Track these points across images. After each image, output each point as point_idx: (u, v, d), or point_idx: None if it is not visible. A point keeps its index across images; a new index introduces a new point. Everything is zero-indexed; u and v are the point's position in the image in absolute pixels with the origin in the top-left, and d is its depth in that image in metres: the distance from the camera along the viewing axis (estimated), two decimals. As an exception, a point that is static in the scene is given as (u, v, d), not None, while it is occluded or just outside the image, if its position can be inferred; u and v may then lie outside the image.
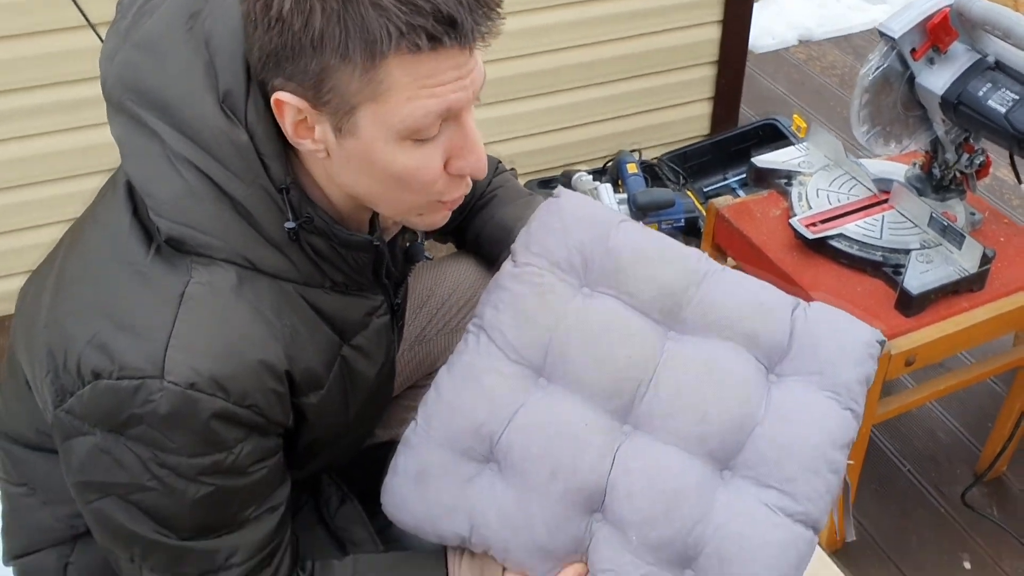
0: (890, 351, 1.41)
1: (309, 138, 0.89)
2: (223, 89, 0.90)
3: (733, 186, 2.37)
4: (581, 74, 2.40)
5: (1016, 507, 1.78)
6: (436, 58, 0.83)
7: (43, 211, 2.06)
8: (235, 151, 0.90)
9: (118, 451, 0.90)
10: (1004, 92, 1.40)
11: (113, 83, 0.95)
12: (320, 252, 0.97)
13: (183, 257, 0.92)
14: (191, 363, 0.87)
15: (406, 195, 0.92)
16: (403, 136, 0.87)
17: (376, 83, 0.83)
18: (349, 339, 1.06)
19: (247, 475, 0.95)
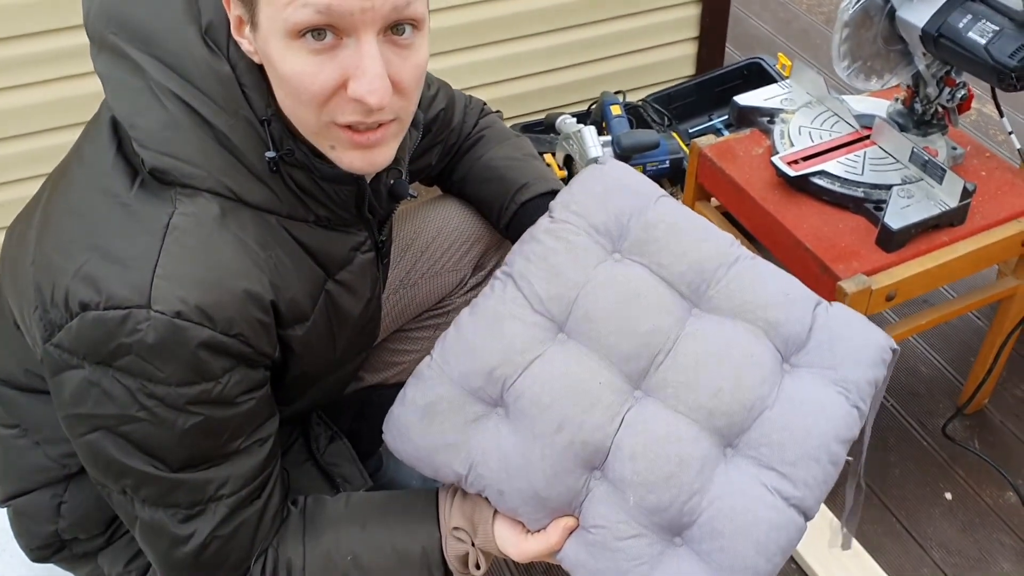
0: (871, 287, 1.42)
1: (245, 38, 0.91)
2: (206, 21, 0.92)
3: (718, 127, 2.35)
4: (563, 17, 2.37)
5: (997, 439, 1.81)
6: None
7: (21, 167, 2.05)
8: (217, 82, 0.92)
9: (107, 383, 0.92)
10: (984, 24, 1.39)
11: (96, 17, 0.96)
12: (302, 186, 0.98)
13: (167, 189, 0.93)
14: (177, 292, 0.89)
15: (301, 109, 0.91)
16: (290, 33, 0.85)
17: None
18: (333, 274, 1.07)
19: (235, 406, 0.97)
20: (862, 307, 1.43)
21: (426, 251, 1.39)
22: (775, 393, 1.05)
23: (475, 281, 1.44)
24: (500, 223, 1.32)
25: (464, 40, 2.28)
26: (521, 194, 1.28)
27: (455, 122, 1.34)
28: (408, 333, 1.45)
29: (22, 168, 2.05)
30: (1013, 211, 1.54)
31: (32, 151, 2.03)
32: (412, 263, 1.39)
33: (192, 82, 0.92)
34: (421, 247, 1.38)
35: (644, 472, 1.00)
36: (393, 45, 0.88)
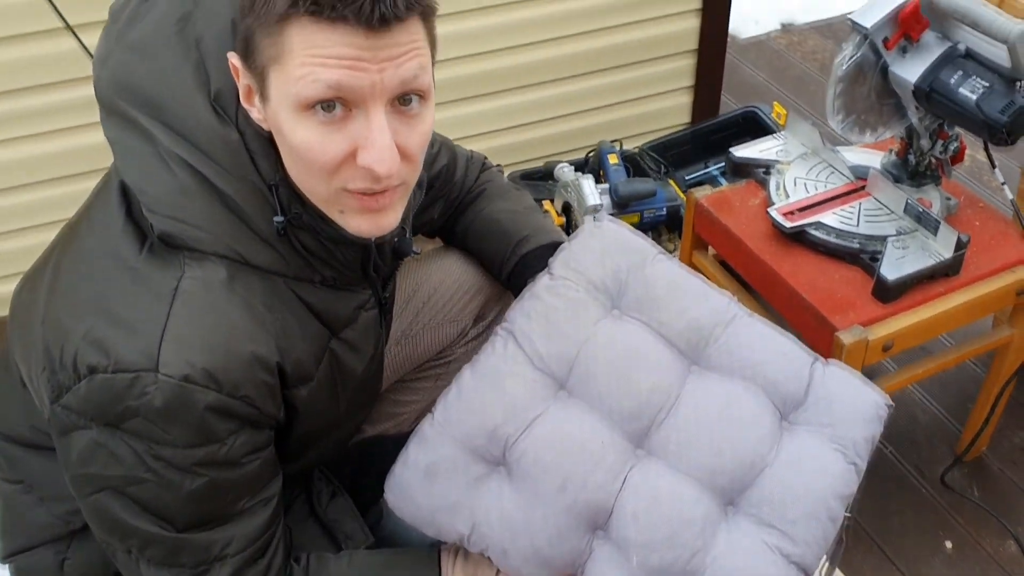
0: (868, 338, 1.43)
1: (254, 107, 0.93)
2: (214, 88, 0.94)
3: (715, 174, 2.38)
4: (561, 68, 2.41)
5: (997, 487, 1.81)
6: (331, 30, 0.84)
7: (32, 215, 2.07)
8: (226, 148, 0.94)
9: (114, 444, 0.93)
10: (975, 80, 1.41)
11: (106, 85, 0.98)
12: (309, 248, 1.00)
13: (175, 253, 0.95)
14: (185, 356, 0.90)
15: (311, 178, 0.93)
16: (300, 106, 0.87)
17: (279, 45, 0.86)
18: (338, 332, 1.09)
19: (240, 467, 0.98)
20: (859, 358, 1.44)
21: (428, 303, 1.40)
22: (775, 451, 1.06)
23: (476, 332, 1.45)
24: (502, 275, 1.34)
25: (465, 91, 2.31)
26: (522, 246, 1.30)
27: (457, 177, 1.36)
28: (409, 384, 1.46)
29: (26, 218, 2.07)
30: (1007, 261, 1.56)
31: (37, 201, 2.06)
32: (414, 315, 1.40)
33: (200, 148, 0.94)
34: (423, 299, 1.40)
35: (647, 532, 1.01)
36: (400, 115, 0.91)
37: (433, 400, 1.46)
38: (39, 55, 1.90)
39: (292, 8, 0.84)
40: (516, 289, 1.34)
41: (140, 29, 0.98)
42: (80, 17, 1.80)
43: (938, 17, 1.46)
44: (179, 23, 0.97)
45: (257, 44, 0.88)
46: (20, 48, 1.89)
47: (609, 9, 2.37)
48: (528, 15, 2.29)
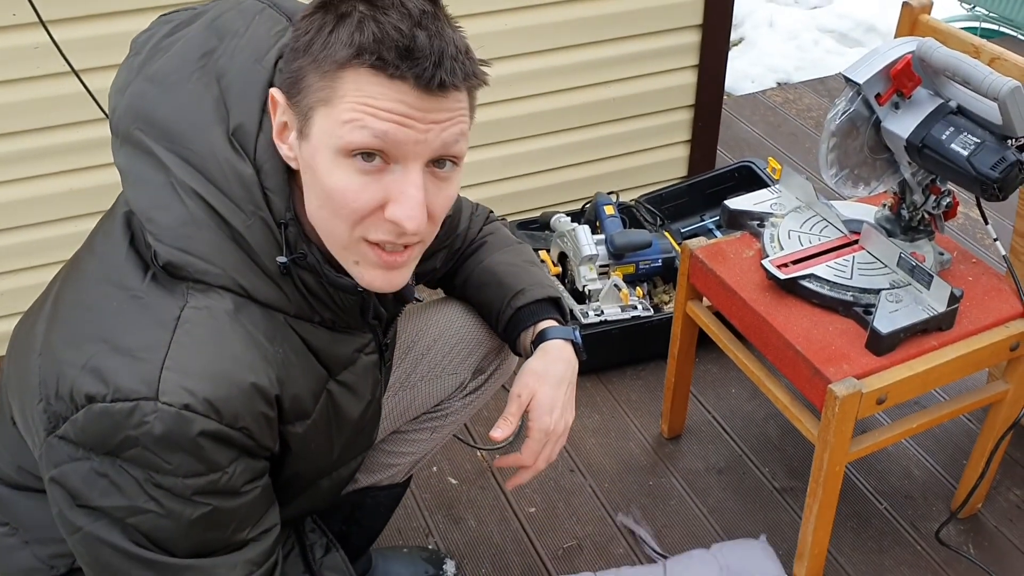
0: (862, 390, 1.43)
1: (286, 143, 0.94)
2: (234, 123, 0.96)
3: (710, 227, 2.40)
4: (559, 119, 2.44)
5: (992, 545, 1.79)
6: (388, 85, 0.88)
7: (33, 255, 2.07)
8: (239, 183, 0.95)
9: (114, 474, 0.92)
10: (966, 136, 1.43)
11: (122, 114, 0.99)
12: (310, 288, 1.00)
13: (179, 283, 0.95)
14: (185, 384, 0.90)
15: (336, 221, 0.94)
16: (342, 150, 0.90)
17: (330, 89, 0.89)
18: (336, 374, 1.09)
19: (241, 495, 0.97)
20: (853, 411, 1.44)
21: (427, 353, 1.40)
22: None
23: (475, 385, 1.45)
24: (498, 327, 1.35)
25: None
26: (517, 299, 1.30)
27: (460, 228, 1.37)
28: (405, 435, 1.45)
29: (27, 258, 2.07)
30: (1000, 316, 1.57)
31: (38, 241, 2.06)
32: (413, 365, 1.40)
33: (214, 182, 0.94)
34: (423, 349, 1.39)
35: None
36: (433, 176, 0.94)
37: (427, 453, 1.46)
38: (43, 98, 1.92)
39: (355, 58, 0.87)
40: (510, 341, 1.35)
41: (162, 62, 1.00)
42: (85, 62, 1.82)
43: (930, 73, 1.49)
44: (203, 58, 0.99)
45: (308, 84, 0.90)
46: (25, 91, 1.91)
47: (608, 63, 2.41)
48: (528, 67, 2.33)
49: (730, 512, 1.86)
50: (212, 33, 1.00)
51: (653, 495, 1.89)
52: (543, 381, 1.23)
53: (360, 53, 0.87)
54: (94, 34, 1.90)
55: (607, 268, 2.18)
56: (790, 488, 1.90)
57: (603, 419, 2.07)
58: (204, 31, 1.01)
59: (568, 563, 1.76)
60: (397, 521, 1.80)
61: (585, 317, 2.09)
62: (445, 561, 1.72)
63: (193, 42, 1.00)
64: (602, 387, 2.14)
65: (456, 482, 1.91)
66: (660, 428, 2.03)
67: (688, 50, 2.48)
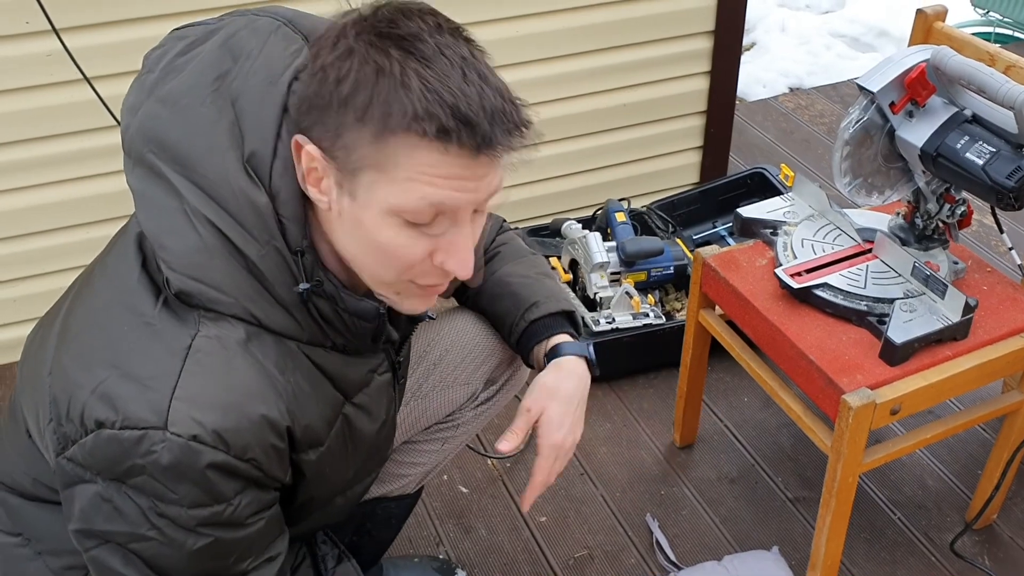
0: (875, 400, 1.42)
1: (317, 188, 0.93)
2: (248, 149, 0.93)
3: (722, 233, 2.39)
4: (571, 126, 2.44)
5: (1007, 556, 1.77)
6: (445, 152, 0.86)
7: (43, 262, 2.08)
8: (253, 212, 0.93)
9: (119, 500, 0.92)
10: (981, 145, 1.42)
11: (135, 134, 0.98)
12: (325, 315, 0.99)
13: (191, 311, 0.94)
14: (194, 415, 0.89)
15: (383, 269, 0.95)
16: (394, 213, 0.90)
17: (383, 154, 0.87)
18: (351, 397, 1.08)
19: (245, 527, 0.97)
20: (867, 421, 1.43)
21: (440, 363, 1.39)
22: None
23: (486, 395, 1.44)
24: (511, 339, 1.34)
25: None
26: (531, 312, 1.30)
27: None
28: (416, 445, 1.45)
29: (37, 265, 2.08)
30: (1015, 326, 1.55)
31: (49, 248, 2.07)
32: (425, 375, 1.39)
33: (228, 210, 0.93)
34: (435, 359, 1.39)
35: None
36: (474, 216, 0.95)
37: (439, 463, 1.46)
38: (55, 105, 1.93)
39: (411, 127, 0.85)
40: (524, 354, 1.34)
41: (175, 83, 0.98)
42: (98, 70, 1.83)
43: (944, 82, 1.47)
44: (217, 80, 0.96)
45: (353, 144, 0.87)
46: (38, 98, 1.92)
47: (619, 69, 2.40)
48: (539, 74, 2.33)
49: (742, 522, 1.84)
50: (226, 53, 0.98)
51: (665, 504, 1.88)
52: (554, 397, 1.23)
53: (416, 121, 0.84)
54: (107, 42, 1.90)
55: (618, 275, 2.17)
56: (803, 498, 1.89)
57: (615, 427, 2.06)
58: (218, 51, 0.98)
59: (579, 573, 1.75)
60: (408, 530, 1.79)
61: (596, 325, 2.08)
62: (456, 570, 1.72)
63: (207, 63, 0.98)
64: (613, 395, 2.14)
65: (467, 491, 1.91)
66: (672, 437, 2.02)
67: (700, 56, 2.47)
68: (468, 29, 0.92)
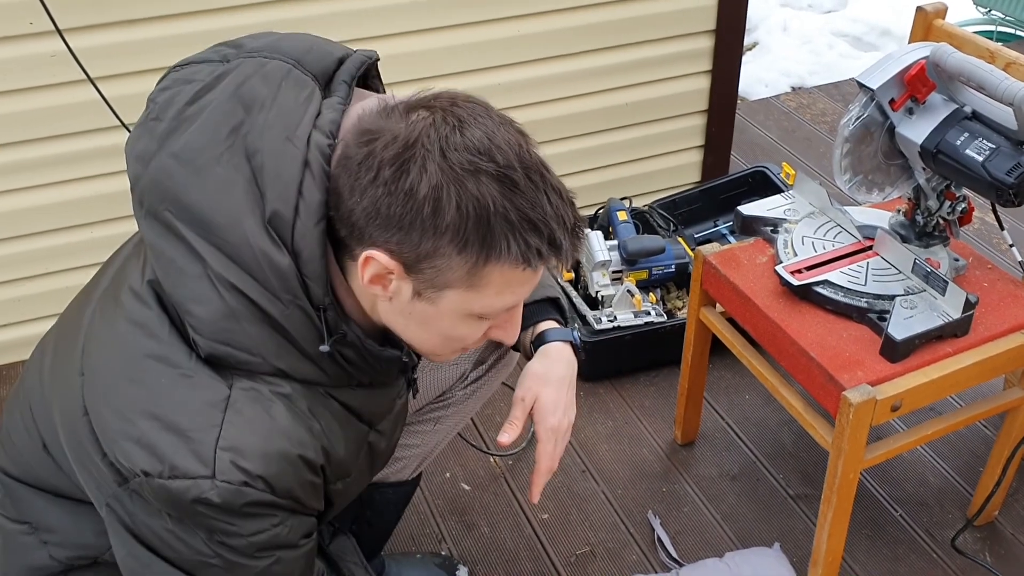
0: (876, 397, 1.42)
1: (380, 287, 0.96)
2: (270, 210, 0.93)
3: (724, 232, 2.39)
4: (572, 125, 2.44)
5: (1009, 553, 1.78)
6: (533, 274, 0.96)
7: (45, 262, 2.09)
8: (275, 273, 0.93)
9: (181, 531, 0.96)
10: (981, 142, 1.42)
11: (149, 188, 0.97)
12: (351, 361, 1.02)
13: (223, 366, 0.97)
14: (240, 464, 0.93)
15: (441, 347, 1.04)
16: (473, 315, 0.98)
17: (477, 277, 0.93)
18: (376, 425, 1.14)
19: (298, 548, 1.02)
20: (867, 418, 1.43)
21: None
22: None
23: (476, 375, 1.47)
24: None
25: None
26: None
27: None
28: (409, 427, 1.47)
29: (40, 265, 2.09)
30: (1016, 322, 1.55)
31: (51, 248, 2.08)
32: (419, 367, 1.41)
33: (250, 272, 0.93)
34: None
35: None
36: None
37: (433, 445, 1.47)
38: (59, 105, 1.94)
39: (504, 258, 0.92)
40: None
41: (188, 137, 0.96)
42: (101, 70, 1.84)
43: (944, 79, 1.48)
44: (231, 135, 0.95)
45: (448, 268, 0.92)
46: (42, 98, 1.93)
47: (620, 68, 2.40)
48: (541, 73, 2.33)
49: (744, 519, 1.85)
50: (237, 104, 0.96)
51: (666, 502, 1.89)
52: (545, 383, 1.25)
53: (521, 256, 0.92)
54: (110, 42, 1.91)
55: (620, 274, 2.17)
56: (804, 495, 1.89)
57: (616, 425, 2.06)
58: (229, 101, 0.97)
59: (581, 569, 1.76)
60: (410, 527, 1.80)
61: (598, 323, 2.08)
62: (458, 567, 1.72)
63: (219, 114, 0.96)
64: (615, 393, 2.14)
65: (469, 488, 1.91)
66: (674, 434, 2.03)
67: (701, 55, 2.48)
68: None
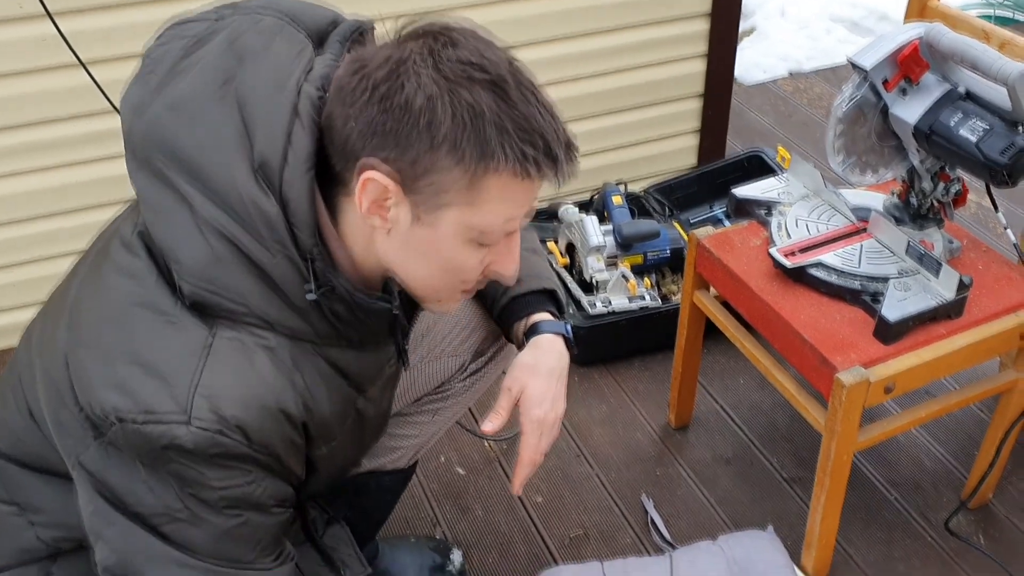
0: (869, 379, 1.42)
1: (379, 217, 0.95)
2: (259, 158, 0.93)
3: (719, 216, 2.39)
4: (567, 108, 2.40)
5: (1003, 536, 1.78)
6: (530, 186, 0.95)
7: (37, 247, 2.08)
8: (263, 220, 0.93)
9: (152, 481, 0.95)
10: (975, 122, 1.42)
11: (142, 139, 0.97)
12: (339, 316, 1.01)
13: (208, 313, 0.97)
14: (217, 409, 0.92)
15: (439, 281, 1.02)
16: (473, 239, 0.97)
17: (475, 191, 0.92)
18: (364, 391, 1.12)
19: (270, 514, 1.01)
20: (860, 399, 1.43)
21: (427, 335, 1.40)
22: None
23: (475, 367, 1.45)
24: (493, 313, 1.36)
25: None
26: (513, 288, 1.31)
27: None
28: (407, 417, 1.46)
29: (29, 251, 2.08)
30: (1011, 304, 1.55)
31: (41, 234, 2.07)
32: (413, 347, 1.39)
33: (239, 220, 0.93)
34: (422, 331, 1.40)
35: None
36: None
37: (431, 436, 1.46)
38: (50, 90, 1.93)
39: (501, 166, 0.91)
40: (504, 327, 1.35)
41: (182, 87, 0.97)
42: (93, 54, 1.83)
43: (938, 59, 1.47)
44: (224, 85, 0.96)
45: (447, 183, 0.91)
46: (32, 82, 1.92)
47: (616, 51, 2.39)
48: (535, 56, 2.32)
49: (738, 502, 1.85)
50: (231, 56, 0.97)
51: (660, 485, 1.89)
52: (533, 374, 1.24)
53: (518, 163, 0.91)
54: (101, 25, 1.90)
55: (615, 258, 2.17)
56: (798, 478, 1.89)
57: (610, 409, 2.06)
58: (223, 53, 0.98)
59: (575, 552, 1.76)
60: (405, 511, 1.80)
61: (593, 307, 2.08)
62: (452, 550, 1.72)
63: (212, 66, 0.97)
64: (610, 377, 2.14)
65: (464, 472, 1.91)
66: (667, 418, 2.03)
67: (697, 38, 2.46)
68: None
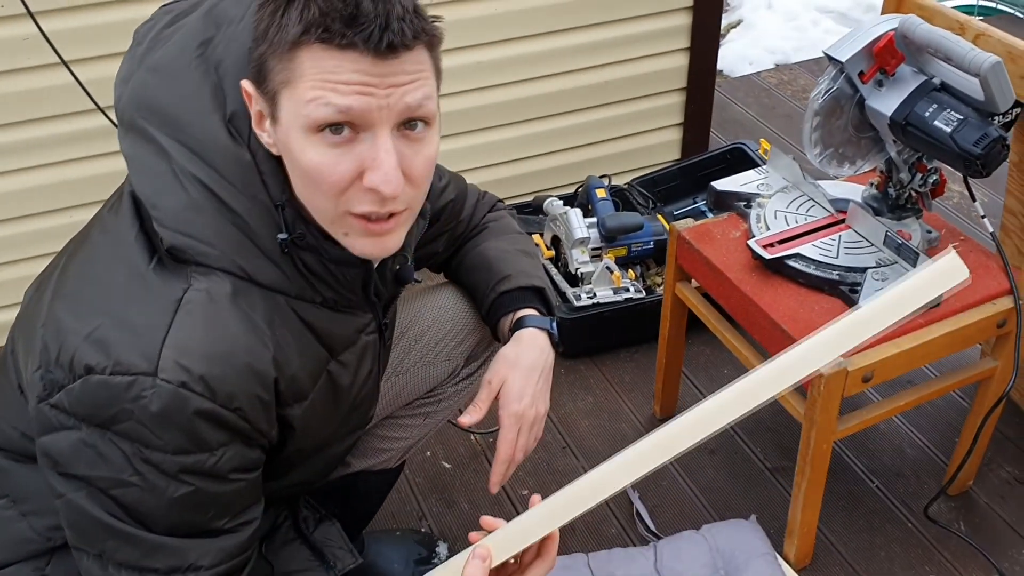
0: (847, 368, 1.43)
1: (264, 131, 0.97)
2: (230, 111, 0.99)
3: (702, 209, 2.40)
4: (551, 103, 2.44)
5: (983, 522, 1.80)
6: (343, 57, 0.89)
7: (24, 247, 2.09)
8: (238, 168, 0.98)
9: (103, 445, 0.95)
10: (949, 113, 1.43)
11: (126, 103, 1.03)
12: (311, 268, 1.03)
13: (183, 267, 0.98)
14: (183, 363, 0.93)
15: (319, 198, 0.97)
16: (311, 128, 0.92)
17: (290, 70, 0.91)
18: (337, 355, 1.11)
19: (227, 482, 0.99)
20: (839, 388, 1.44)
21: (421, 339, 1.41)
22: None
23: (468, 372, 1.46)
24: (482, 310, 1.36)
25: (456, 126, 2.34)
26: (501, 285, 1.32)
27: (464, 214, 1.38)
28: (398, 420, 1.47)
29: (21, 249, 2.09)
30: (988, 293, 1.57)
31: (31, 233, 2.08)
32: (406, 351, 1.40)
33: (214, 167, 0.97)
34: (416, 335, 1.41)
35: None
36: (406, 139, 0.95)
37: (421, 438, 1.47)
38: (33, 89, 1.93)
39: (304, 35, 0.89)
40: (491, 325, 1.36)
41: (163, 51, 1.03)
42: (75, 53, 1.83)
43: (913, 50, 1.48)
44: (201, 47, 1.01)
45: (270, 69, 0.92)
46: (15, 82, 1.92)
47: (599, 46, 2.40)
48: (519, 52, 2.33)
49: (722, 492, 1.86)
50: (210, 22, 1.03)
51: (646, 476, 1.89)
52: (514, 367, 1.25)
53: (308, 29, 0.88)
54: (83, 25, 1.90)
55: (599, 251, 2.18)
56: (781, 467, 1.91)
57: (596, 400, 2.07)
58: (202, 20, 1.03)
59: (560, 544, 1.76)
60: (391, 505, 1.81)
61: (578, 299, 2.09)
62: (438, 543, 1.74)
63: (192, 31, 1.03)
64: (595, 369, 2.15)
65: (450, 466, 1.93)
66: (653, 409, 2.04)
67: (679, 32, 2.47)
68: None
